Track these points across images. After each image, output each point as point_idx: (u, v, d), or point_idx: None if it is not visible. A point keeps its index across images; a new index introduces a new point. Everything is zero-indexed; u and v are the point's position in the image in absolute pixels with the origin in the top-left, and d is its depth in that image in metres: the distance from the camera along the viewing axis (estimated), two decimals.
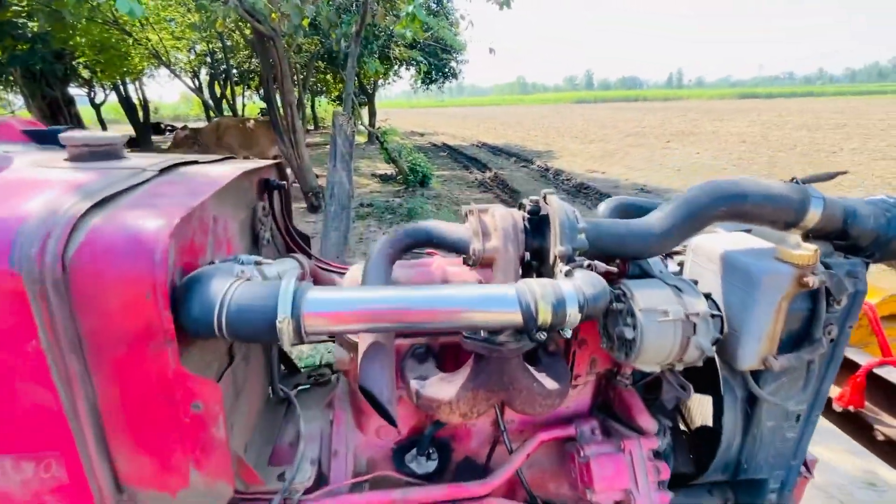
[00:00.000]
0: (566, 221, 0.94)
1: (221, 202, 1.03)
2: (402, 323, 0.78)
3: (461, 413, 1.02)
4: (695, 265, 1.18)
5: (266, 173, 1.36)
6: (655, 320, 0.95)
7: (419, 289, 0.81)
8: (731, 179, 1.01)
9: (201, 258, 0.91)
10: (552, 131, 27.58)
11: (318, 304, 0.76)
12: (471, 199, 10.83)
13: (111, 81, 17.07)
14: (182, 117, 53.99)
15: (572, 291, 0.82)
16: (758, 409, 1.16)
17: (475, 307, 0.80)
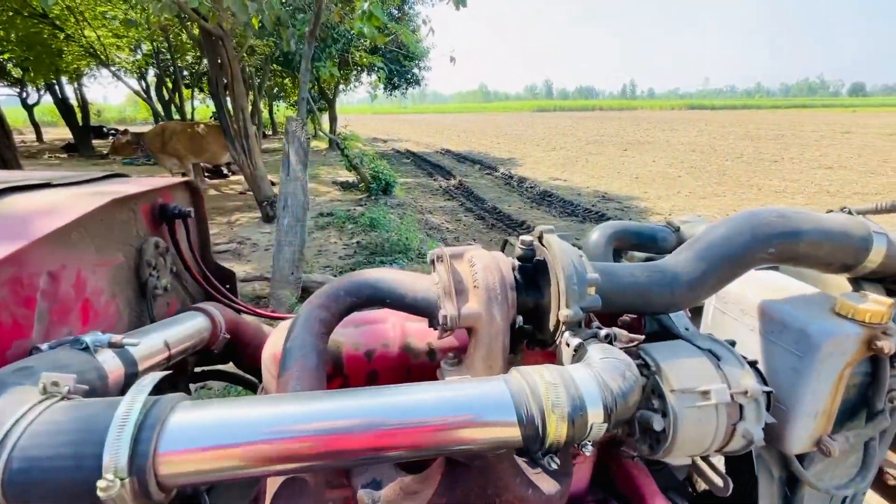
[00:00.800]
0: (573, 273, 0.67)
1: (70, 247, 0.69)
2: (331, 459, 0.48)
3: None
4: (720, 315, 0.94)
5: (164, 197, 1.02)
6: (694, 405, 0.69)
7: (355, 397, 0.52)
8: (776, 211, 0.77)
9: (17, 343, 0.57)
10: (515, 139, 27.87)
11: (186, 437, 0.45)
12: (436, 207, 10.60)
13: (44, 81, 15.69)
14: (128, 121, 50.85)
15: (594, 389, 0.55)
16: (799, 492, 0.93)
17: (448, 425, 0.51)
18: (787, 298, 0.83)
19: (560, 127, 37.77)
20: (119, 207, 0.83)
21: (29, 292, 0.60)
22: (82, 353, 0.59)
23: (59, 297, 0.66)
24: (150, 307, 0.91)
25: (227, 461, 0.46)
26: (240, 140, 8.34)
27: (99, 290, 0.76)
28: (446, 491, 0.72)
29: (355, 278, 0.72)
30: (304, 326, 0.68)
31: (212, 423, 0.47)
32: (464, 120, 57.39)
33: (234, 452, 0.46)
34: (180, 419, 0.46)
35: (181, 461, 0.45)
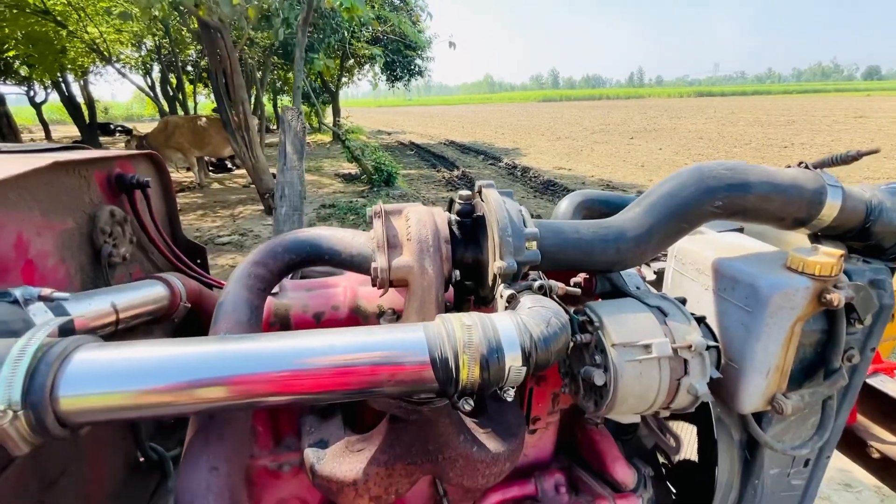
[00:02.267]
0: (508, 226, 0.66)
1: (7, 208, 0.70)
2: (240, 398, 0.48)
3: (371, 496, 0.73)
4: (678, 276, 0.92)
5: (123, 167, 1.02)
6: (635, 359, 0.68)
7: (265, 339, 0.51)
8: (724, 164, 0.75)
9: None
10: (520, 129, 27.65)
11: (88, 375, 0.45)
12: (438, 198, 10.57)
13: (50, 79, 15.83)
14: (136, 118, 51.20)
15: (512, 332, 0.54)
16: (759, 454, 0.92)
17: (359, 366, 0.51)
18: (741, 256, 0.81)
19: (565, 117, 37.40)
20: (67, 173, 0.84)
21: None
22: (10, 305, 0.59)
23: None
24: (105, 274, 0.92)
25: (129, 399, 0.46)
26: (241, 133, 8.37)
27: (45, 252, 0.77)
28: (388, 448, 0.72)
29: (294, 235, 0.72)
30: (239, 282, 0.68)
31: (116, 362, 0.47)
32: (469, 111, 57.02)
33: (138, 391, 0.46)
34: (85, 357, 0.46)
35: (83, 398, 0.45)
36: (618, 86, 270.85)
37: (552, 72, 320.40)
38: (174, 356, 0.48)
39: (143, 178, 1.01)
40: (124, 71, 14.49)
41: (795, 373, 0.82)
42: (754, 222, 0.79)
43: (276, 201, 4.94)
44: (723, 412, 0.92)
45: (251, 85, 12.91)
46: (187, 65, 16.91)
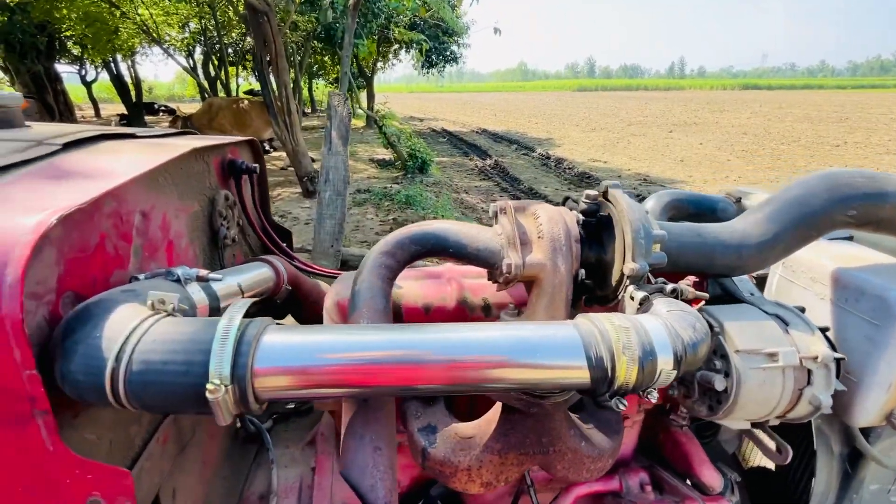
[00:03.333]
0: (640, 228, 0.66)
1: (158, 190, 0.75)
2: (407, 384, 0.51)
3: (483, 482, 0.76)
4: (786, 283, 0.91)
5: (233, 153, 1.07)
6: (759, 366, 0.68)
7: (431, 330, 0.54)
8: (860, 172, 0.73)
9: (117, 273, 0.63)
10: (553, 119, 27.10)
11: (276, 356, 0.49)
12: (471, 187, 10.53)
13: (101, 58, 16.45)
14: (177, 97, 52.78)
15: (664, 336, 0.55)
16: (861, 468, 0.90)
17: (518, 361, 0.53)
18: (864, 267, 0.79)
19: (601, 107, 36.39)
20: (195, 158, 0.88)
21: (126, 228, 0.65)
22: (175, 284, 0.64)
23: (149, 235, 0.71)
24: (220, 256, 0.97)
25: (311, 380, 0.49)
26: (282, 116, 8.52)
27: (180, 233, 0.82)
28: (502, 437, 0.74)
29: (421, 228, 0.74)
30: (372, 271, 0.70)
31: (300, 344, 0.50)
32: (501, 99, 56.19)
33: (319, 372, 0.49)
34: (271, 339, 0.50)
35: (272, 377, 0.48)
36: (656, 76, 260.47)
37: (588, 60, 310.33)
38: (351, 342, 0.51)
39: (252, 165, 1.05)
40: (170, 52, 14.92)
41: None
42: (887, 233, 0.76)
43: (320, 185, 5.04)
44: (824, 424, 0.90)
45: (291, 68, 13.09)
46: (229, 47, 17.25)
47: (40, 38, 8.90)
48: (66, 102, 12.36)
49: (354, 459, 0.55)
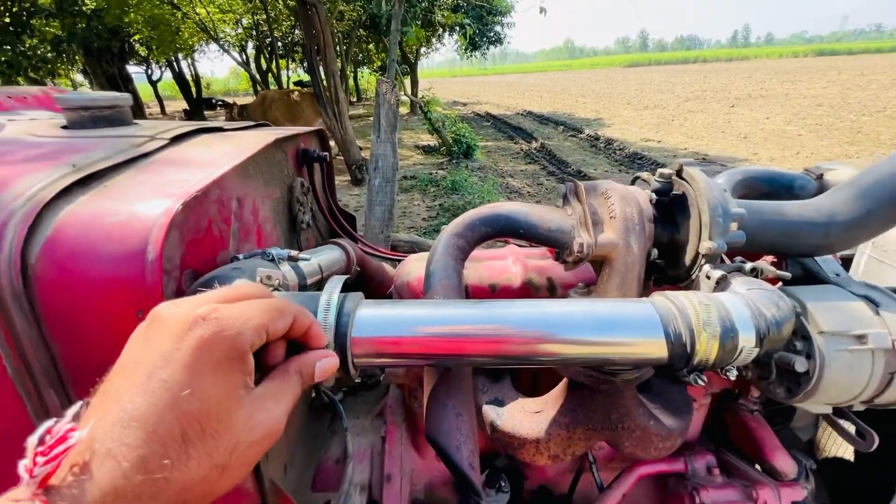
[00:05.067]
0: (718, 205, 0.65)
1: (249, 178, 0.82)
2: (488, 355, 0.54)
3: (550, 455, 0.78)
4: (875, 263, 0.85)
5: (304, 142, 1.14)
6: (845, 349, 0.65)
7: (511, 306, 0.57)
8: None
9: (221, 253, 0.70)
10: (603, 98, 25.98)
11: (371, 328, 0.53)
12: (517, 171, 10.38)
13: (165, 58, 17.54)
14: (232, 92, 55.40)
15: (745, 313, 0.54)
16: None
17: (597, 337, 0.54)
18: None
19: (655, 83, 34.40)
20: (276, 149, 0.95)
21: (227, 212, 0.72)
22: (270, 263, 0.70)
23: (244, 219, 0.78)
24: (298, 239, 1.05)
25: (402, 349, 0.54)
26: (331, 106, 8.75)
27: (266, 218, 0.89)
28: (570, 412, 0.76)
29: (491, 210, 0.77)
30: (445, 251, 0.74)
31: (391, 316, 0.55)
32: (547, 79, 54.46)
33: (409, 342, 0.54)
34: (366, 312, 0.54)
35: (368, 345, 0.53)
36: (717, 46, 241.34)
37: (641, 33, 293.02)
38: (438, 315, 0.55)
39: (322, 153, 1.12)
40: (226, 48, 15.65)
41: None
42: None
43: (369, 173, 5.16)
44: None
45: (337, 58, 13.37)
46: (279, 40, 17.83)
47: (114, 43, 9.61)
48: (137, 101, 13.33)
49: (440, 424, 0.60)
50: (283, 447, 0.98)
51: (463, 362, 0.55)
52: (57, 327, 0.51)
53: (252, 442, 0.38)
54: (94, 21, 8.38)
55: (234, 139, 0.86)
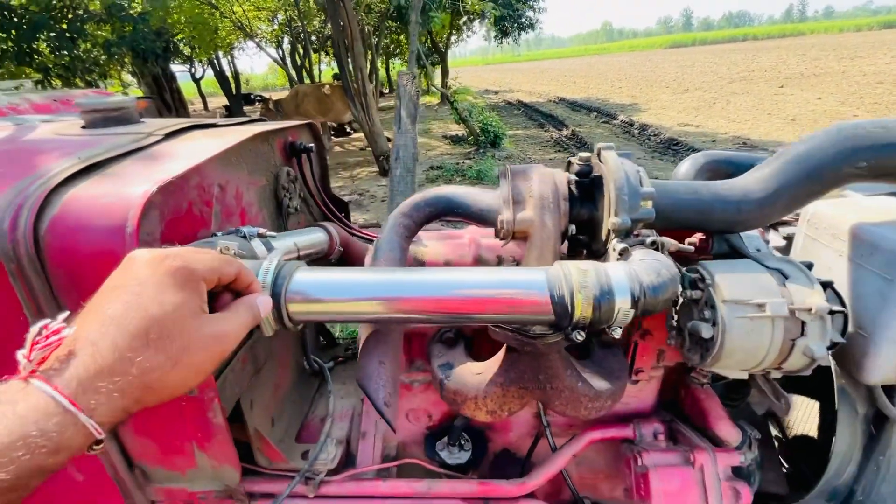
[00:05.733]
0: (624, 184, 0.72)
1: (231, 167, 0.95)
2: (402, 314, 0.64)
3: (488, 410, 0.88)
4: (810, 241, 0.89)
5: (293, 135, 1.26)
6: (745, 316, 0.71)
7: (424, 272, 0.67)
8: (878, 122, 0.71)
9: (202, 231, 0.84)
10: (640, 81, 25.03)
11: (303, 288, 0.65)
12: (545, 160, 10.27)
13: (206, 56, 18.32)
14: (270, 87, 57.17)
15: (623, 279, 0.62)
16: (887, 430, 0.88)
17: (494, 297, 0.64)
18: (886, 222, 0.76)
19: (698, 64, 32.71)
20: (261, 141, 1.08)
21: (208, 196, 0.86)
22: (242, 239, 0.83)
23: (226, 203, 0.92)
24: (284, 222, 1.18)
25: (326, 309, 0.65)
26: (359, 98, 8.95)
27: (251, 202, 1.03)
28: (504, 373, 0.86)
29: (433, 192, 0.86)
30: (391, 229, 0.85)
31: (319, 281, 0.66)
32: (583, 64, 52.83)
33: (330, 302, 0.65)
34: (301, 275, 0.66)
35: (300, 303, 0.65)
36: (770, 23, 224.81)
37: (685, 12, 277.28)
38: (362, 280, 0.66)
39: (308, 145, 1.24)
40: (262, 45, 16.19)
41: None
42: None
43: (391, 163, 5.31)
44: (848, 384, 0.89)
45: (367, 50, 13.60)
46: (312, 35, 18.25)
47: (157, 44, 10.18)
48: (181, 99, 14.06)
49: (365, 370, 0.71)
50: (271, 403, 1.13)
51: (382, 319, 0.66)
52: (62, 284, 0.66)
53: (200, 348, 0.49)
54: (140, 24, 8.90)
55: (222, 134, 1.00)
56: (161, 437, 0.79)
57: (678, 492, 0.96)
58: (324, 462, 1.06)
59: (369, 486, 1.05)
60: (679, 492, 0.96)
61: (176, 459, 0.82)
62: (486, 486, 1.05)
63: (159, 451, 0.81)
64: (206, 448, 0.80)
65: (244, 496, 1.04)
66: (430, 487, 1.05)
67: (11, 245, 0.63)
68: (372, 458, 1.13)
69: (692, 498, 0.95)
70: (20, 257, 0.63)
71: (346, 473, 1.07)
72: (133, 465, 0.83)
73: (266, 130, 1.07)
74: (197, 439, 0.79)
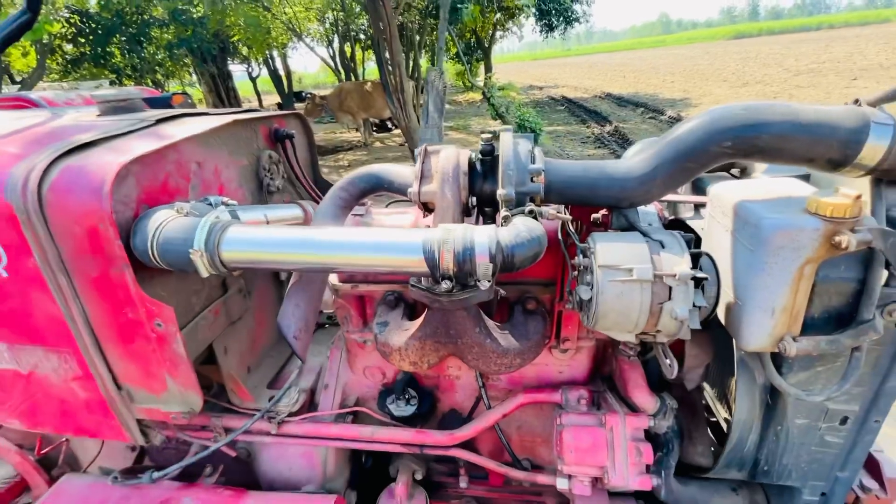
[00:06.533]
0: (512, 161, 0.82)
1: (210, 147, 1.13)
2: (310, 263, 0.79)
3: (410, 361, 1.01)
4: (710, 220, 0.94)
5: (279, 123, 1.44)
6: (616, 279, 0.80)
7: (333, 231, 0.81)
8: (746, 105, 0.76)
9: (178, 198, 1.02)
10: (695, 75, 23.78)
11: (234, 240, 0.80)
12: (583, 156, 10.10)
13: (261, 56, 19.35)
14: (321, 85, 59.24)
15: (483, 239, 0.73)
16: (782, 401, 0.92)
17: (381, 251, 0.77)
18: (763, 199, 0.81)
19: (762, 56, 30.56)
20: (243, 126, 1.26)
21: (185, 171, 1.04)
22: (208, 206, 1.01)
23: (203, 178, 1.10)
24: (265, 199, 1.35)
25: (251, 258, 0.80)
26: (396, 94, 9.20)
27: (231, 179, 1.20)
28: (423, 328, 0.98)
29: (366, 170, 1.00)
30: (330, 200, 0.99)
31: (247, 235, 0.81)
32: (635, 57, 50.75)
33: (253, 252, 0.80)
34: (235, 230, 0.82)
35: (230, 252, 0.80)
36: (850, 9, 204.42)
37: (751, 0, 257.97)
38: (281, 236, 0.80)
39: (290, 132, 1.41)
40: (311, 44, 16.90)
41: (820, 321, 0.81)
42: (776, 162, 0.79)
43: None
44: (746, 354, 0.94)
45: (410, 48, 13.89)
46: (359, 34, 18.80)
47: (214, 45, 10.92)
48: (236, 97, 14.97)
49: (283, 310, 0.86)
50: (247, 354, 1.31)
51: (296, 267, 0.80)
52: (58, 232, 0.85)
53: None
54: (199, 27, 9.60)
55: (207, 120, 1.18)
56: (140, 362, 0.98)
57: (588, 448, 1.05)
58: (286, 405, 1.23)
59: (323, 428, 1.21)
60: (589, 448, 1.05)
61: (152, 383, 1.01)
62: (421, 434, 1.17)
63: (139, 375, 1.00)
64: (174, 375, 0.99)
65: (221, 429, 1.24)
66: (374, 433, 1.19)
67: (22, 201, 0.83)
68: (331, 406, 1.29)
69: (599, 453, 1.03)
70: (29, 211, 0.83)
71: (305, 416, 1.23)
72: (120, 386, 1.03)
73: (247, 118, 1.24)
74: (167, 367, 0.97)
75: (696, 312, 0.79)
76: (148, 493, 1.14)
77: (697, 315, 0.79)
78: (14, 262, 0.89)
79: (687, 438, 1.17)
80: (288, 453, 1.29)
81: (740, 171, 1.20)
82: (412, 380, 1.28)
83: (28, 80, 8.60)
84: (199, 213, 0.90)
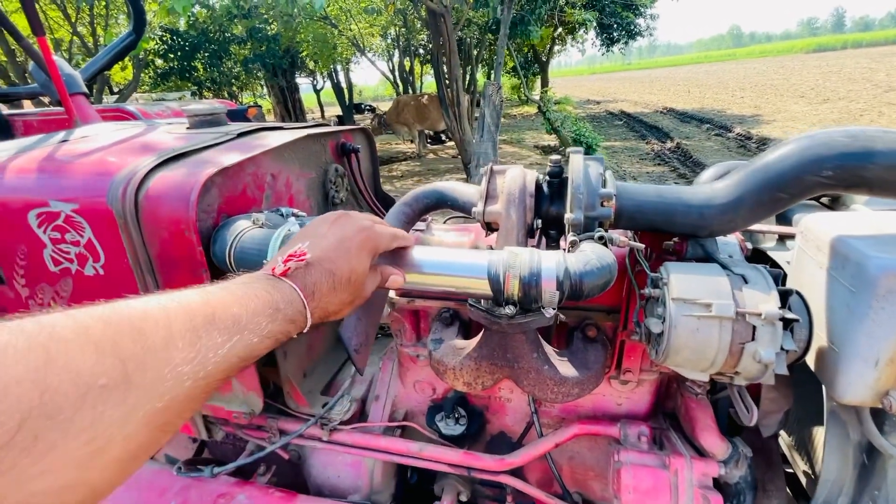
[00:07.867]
0: (582, 185, 0.80)
1: (283, 161, 1.19)
2: None
3: (464, 382, 1.00)
4: (800, 254, 0.86)
5: (346, 137, 1.49)
6: (691, 314, 0.75)
7: (398, 250, 0.81)
8: (849, 130, 0.70)
9: (254, 208, 1.08)
10: (769, 90, 22.33)
11: None
12: (641, 173, 9.74)
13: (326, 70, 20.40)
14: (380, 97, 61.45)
15: (551, 265, 0.71)
16: (881, 461, 0.82)
17: (446, 271, 0.76)
18: (867, 234, 0.73)
19: (845, 71, 28.20)
20: (314, 141, 1.32)
21: (261, 182, 1.10)
22: (279, 216, 1.05)
23: (276, 189, 1.16)
24: (330, 210, 1.40)
25: None
26: (452, 108, 9.34)
27: (300, 191, 1.26)
28: (479, 349, 0.97)
29: (430, 187, 1.01)
30: (393, 215, 1.01)
31: None
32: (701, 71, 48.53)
33: None
34: None
35: None
36: None
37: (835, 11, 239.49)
38: None
39: (356, 146, 1.46)
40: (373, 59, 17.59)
41: None
42: (886, 196, 0.71)
43: (472, 170, 5.51)
44: (839, 407, 0.85)
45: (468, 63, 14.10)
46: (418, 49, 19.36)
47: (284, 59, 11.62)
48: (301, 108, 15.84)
49: (345, 322, 0.88)
50: (305, 359, 1.35)
51: None
52: (150, 238, 0.92)
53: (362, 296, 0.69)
54: (273, 43, 10.27)
55: (282, 134, 1.24)
56: None
57: (649, 490, 0.98)
58: (338, 412, 1.25)
59: (372, 439, 1.22)
60: (650, 491, 0.98)
61: None
62: (470, 456, 1.15)
63: None
64: (240, 376, 1.03)
65: (276, 431, 1.28)
66: (422, 449, 1.18)
67: (122, 207, 0.91)
68: (381, 418, 1.29)
69: (661, 497, 0.96)
70: (126, 216, 0.91)
71: (355, 425, 1.25)
72: None
73: (318, 133, 1.30)
74: None
75: (784, 356, 0.72)
76: (206, 486, 1.20)
77: (784, 359, 0.72)
78: (110, 262, 0.98)
79: (761, 491, 1.07)
80: (337, 461, 1.31)
81: (830, 199, 1.10)
82: (462, 398, 1.27)
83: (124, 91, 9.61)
84: (273, 223, 0.95)
